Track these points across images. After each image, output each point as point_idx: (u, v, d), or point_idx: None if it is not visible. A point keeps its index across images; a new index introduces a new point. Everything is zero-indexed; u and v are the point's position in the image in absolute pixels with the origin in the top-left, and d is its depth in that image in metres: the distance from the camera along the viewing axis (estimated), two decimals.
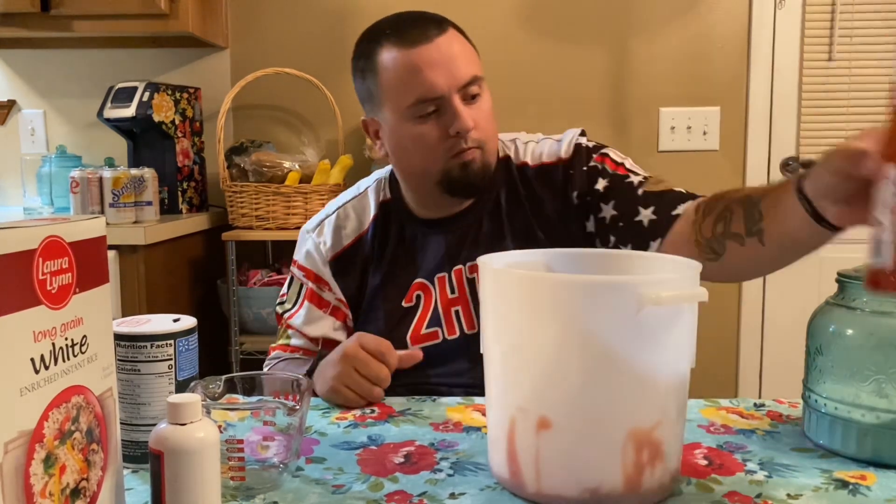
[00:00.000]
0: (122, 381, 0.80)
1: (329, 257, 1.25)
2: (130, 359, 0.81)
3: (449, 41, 1.13)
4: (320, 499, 0.75)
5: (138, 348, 0.81)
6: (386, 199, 1.26)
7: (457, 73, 1.12)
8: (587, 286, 0.71)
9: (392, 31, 1.15)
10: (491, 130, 1.18)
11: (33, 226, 0.55)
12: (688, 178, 2.47)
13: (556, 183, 1.20)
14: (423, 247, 1.23)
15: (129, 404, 0.81)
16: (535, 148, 1.24)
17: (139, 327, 0.82)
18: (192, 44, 2.46)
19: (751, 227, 0.96)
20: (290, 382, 0.83)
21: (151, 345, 0.81)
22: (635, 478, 0.71)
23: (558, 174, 1.20)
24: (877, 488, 0.76)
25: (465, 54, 1.14)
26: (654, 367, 0.71)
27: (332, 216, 1.28)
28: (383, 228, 1.25)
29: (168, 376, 0.82)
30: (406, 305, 1.21)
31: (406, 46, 1.12)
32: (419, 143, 1.14)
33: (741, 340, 2.52)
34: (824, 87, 2.43)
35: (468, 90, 1.13)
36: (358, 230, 1.25)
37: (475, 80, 1.14)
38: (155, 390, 0.81)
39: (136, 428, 0.81)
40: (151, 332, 0.81)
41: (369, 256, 1.24)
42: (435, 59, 1.11)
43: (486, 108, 1.16)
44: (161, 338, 0.81)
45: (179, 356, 0.83)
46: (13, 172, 2.59)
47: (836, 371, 0.82)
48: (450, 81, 1.11)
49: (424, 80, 1.11)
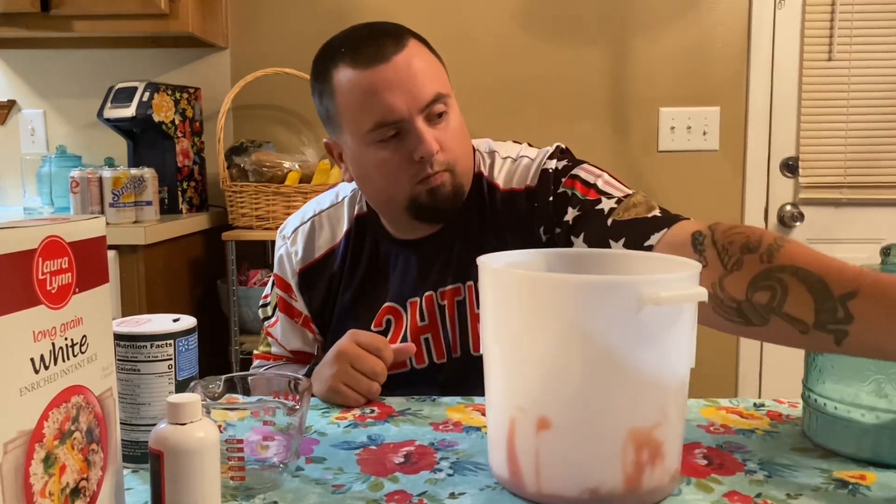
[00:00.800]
0: (122, 381, 0.80)
1: (298, 269, 1.21)
2: (130, 359, 0.80)
3: (408, 58, 1.05)
4: (320, 499, 0.75)
5: (138, 348, 0.80)
6: (361, 213, 1.20)
7: (417, 93, 1.03)
8: (587, 286, 0.71)
9: (347, 50, 1.07)
10: (460, 150, 1.09)
11: (33, 226, 0.55)
12: (688, 178, 2.48)
13: (521, 213, 1.12)
14: (395, 266, 1.17)
15: (129, 404, 0.81)
16: (510, 168, 1.15)
17: (139, 327, 0.82)
18: (192, 44, 2.46)
19: (826, 323, 0.76)
20: (290, 382, 0.83)
21: (151, 345, 0.81)
22: (635, 478, 0.71)
23: (523, 203, 1.12)
24: (876, 488, 0.76)
25: (426, 71, 1.06)
26: (654, 367, 0.71)
27: (306, 224, 1.22)
28: (356, 244, 1.19)
29: (168, 376, 0.82)
30: (375, 329, 1.16)
31: (361, 67, 1.04)
32: (382, 169, 1.07)
33: (741, 340, 2.52)
34: (824, 86, 2.43)
35: (432, 110, 1.05)
36: (330, 242, 1.20)
37: (439, 97, 1.05)
38: (155, 390, 0.81)
39: (135, 428, 0.81)
40: (151, 332, 0.81)
41: (338, 272, 1.19)
42: (392, 80, 1.03)
43: (454, 126, 1.08)
44: (161, 338, 0.81)
45: (179, 356, 0.82)
46: (13, 172, 2.60)
47: (835, 371, 0.82)
48: (410, 103, 1.03)
49: (382, 103, 1.03)
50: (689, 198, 2.47)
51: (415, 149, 1.04)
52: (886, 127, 2.43)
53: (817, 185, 2.47)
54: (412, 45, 1.07)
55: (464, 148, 1.11)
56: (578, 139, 2.43)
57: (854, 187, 2.46)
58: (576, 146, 1.37)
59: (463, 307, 1.14)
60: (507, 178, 1.15)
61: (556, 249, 0.91)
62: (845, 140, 2.44)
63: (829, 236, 2.48)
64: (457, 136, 1.09)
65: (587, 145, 2.44)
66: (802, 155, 2.46)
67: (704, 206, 2.47)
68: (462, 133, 1.11)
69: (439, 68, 1.10)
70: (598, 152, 2.45)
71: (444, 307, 1.15)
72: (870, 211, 2.47)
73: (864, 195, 2.46)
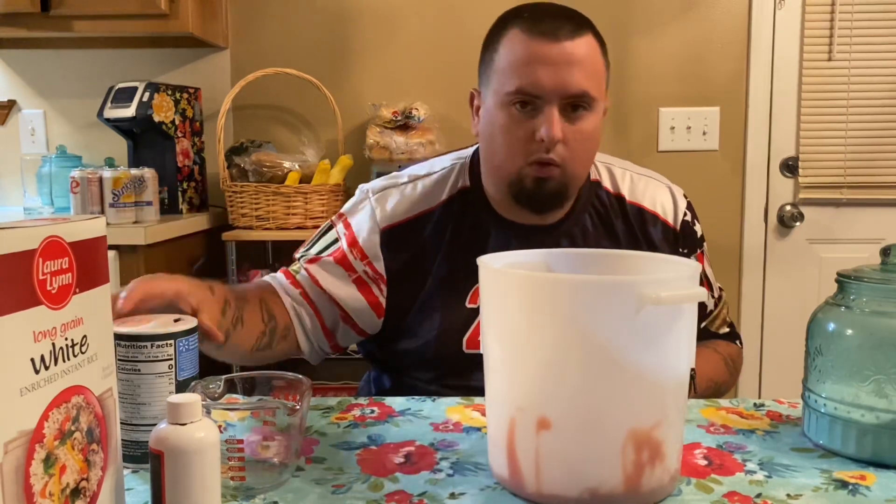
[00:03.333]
0: (123, 380, 0.80)
1: (383, 226, 1.17)
2: (131, 359, 0.80)
3: (576, 48, 1.07)
4: (320, 499, 0.75)
5: (138, 348, 0.80)
6: (465, 186, 1.20)
7: (566, 81, 1.06)
8: (587, 286, 0.71)
9: (529, 16, 1.10)
10: (582, 153, 1.11)
11: (33, 226, 0.55)
12: (688, 178, 2.47)
13: (651, 237, 1.20)
14: (496, 245, 1.16)
15: (130, 404, 0.80)
16: (634, 180, 1.23)
17: (140, 327, 0.82)
18: (192, 44, 2.46)
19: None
20: (291, 382, 0.83)
21: (152, 345, 0.80)
22: (635, 478, 0.71)
23: (657, 232, 1.21)
24: (876, 488, 0.76)
25: (586, 67, 1.08)
26: (653, 367, 0.71)
27: (400, 186, 1.20)
28: (458, 216, 1.18)
29: (168, 376, 0.81)
30: (470, 307, 1.15)
31: (532, 35, 1.08)
32: (506, 133, 1.10)
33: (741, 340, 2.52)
34: (824, 86, 2.43)
35: (573, 102, 1.08)
36: (422, 207, 1.18)
37: (584, 95, 1.08)
38: (155, 390, 0.81)
39: (136, 428, 0.81)
40: (152, 333, 0.81)
41: (431, 240, 1.17)
42: (551, 59, 1.06)
43: (588, 130, 1.10)
44: (161, 338, 0.81)
45: (180, 356, 0.82)
46: (13, 172, 2.59)
47: (835, 371, 0.83)
48: (555, 86, 1.06)
49: (532, 74, 1.06)
50: (689, 198, 2.46)
51: (539, 128, 1.07)
52: (886, 127, 2.43)
53: (817, 185, 2.47)
54: (587, 40, 1.09)
55: (586, 154, 1.13)
56: None
57: (854, 187, 2.46)
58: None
59: None
60: (636, 194, 1.22)
61: (556, 249, 0.91)
62: (845, 140, 2.44)
63: (829, 236, 2.48)
64: (584, 140, 1.11)
65: None
66: (802, 155, 2.46)
67: (704, 207, 2.45)
68: (591, 141, 1.13)
69: (601, 73, 1.12)
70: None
71: None
72: (870, 211, 2.47)
73: (864, 195, 2.46)
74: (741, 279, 2.50)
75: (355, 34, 2.51)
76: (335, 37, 2.50)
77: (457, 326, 1.15)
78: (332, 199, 2.24)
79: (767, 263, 2.50)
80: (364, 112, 2.44)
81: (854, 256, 2.37)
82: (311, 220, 2.22)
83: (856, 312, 0.82)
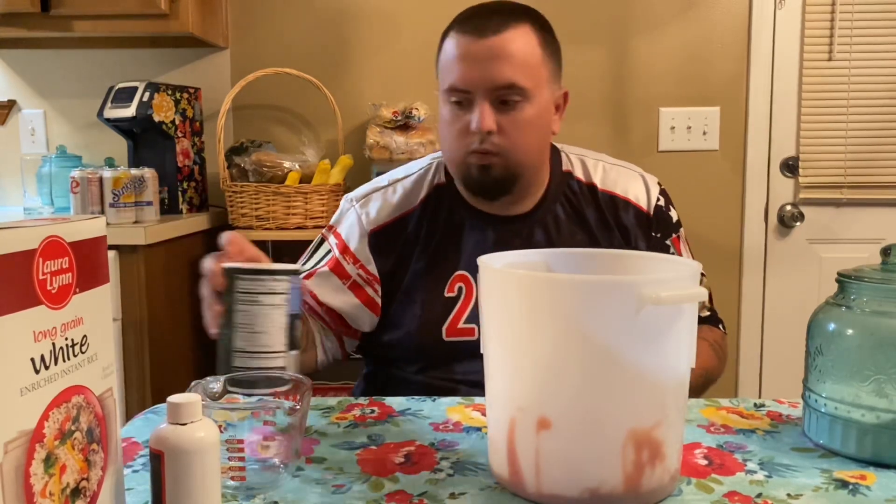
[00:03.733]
0: (241, 311, 0.88)
1: (370, 230, 1.23)
2: (251, 290, 0.88)
3: (502, 42, 1.12)
4: (320, 499, 0.75)
5: (260, 281, 0.88)
6: (440, 182, 1.26)
7: (490, 74, 1.11)
8: (587, 286, 0.71)
9: (464, 15, 1.17)
10: (522, 141, 1.15)
11: (33, 226, 0.55)
12: (688, 178, 2.48)
13: (624, 223, 1.23)
14: (471, 236, 1.22)
15: (248, 333, 0.88)
16: (607, 170, 1.26)
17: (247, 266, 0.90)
18: (192, 44, 2.46)
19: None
20: (291, 382, 0.83)
21: (272, 278, 0.88)
22: (635, 478, 0.71)
23: (629, 217, 1.23)
24: (877, 488, 0.76)
25: (515, 59, 1.12)
26: (654, 367, 0.71)
27: (380, 190, 1.26)
28: (434, 211, 1.24)
29: (283, 309, 0.89)
30: (448, 296, 1.20)
31: (461, 34, 1.14)
32: (449, 128, 1.18)
33: (741, 340, 2.52)
34: (824, 86, 2.43)
35: (501, 95, 1.12)
36: (405, 207, 1.24)
37: (513, 87, 1.12)
38: (271, 321, 0.89)
39: (252, 355, 0.88)
40: (272, 268, 0.89)
41: (413, 237, 1.23)
42: (475, 55, 1.12)
43: (525, 119, 1.14)
44: (280, 273, 0.89)
45: (292, 292, 0.90)
46: (13, 172, 2.59)
47: (836, 371, 0.83)
48: (479, 80, 1.12)
49: (459, 71, 1.13)
50: (690, 198, 2.47)
51: (472, 120, 1.13)
52: (886, 127, 2.43)
53: (817, 185, 2.47)
54: (518, 32, 1.13)
55: (527, 142, 1.16)
56: (578, 139, 2.41)
57: (854, 187, 2.46)
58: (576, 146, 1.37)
59: None
60: (608, 182, 1.25)
61: (556, 249, 0.91)
62: (845, 140, 2.44)
63: (829, 236, 2.48)
64: (521, 129, 1.15)
65: (587, 145, 2.42)
66: (802, 155, 2.46)
67: (704, 207, 2.47)
68: (531, 128, 1.16)
69: (535, 63, 1.15)
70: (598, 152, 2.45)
71: None
72: (870, 211, 2.47)
73: (864, 195, 2.46)
74: (741, 279, 2.50)
75: (355, 34, 2.50)
76: (335, 37, 2.50)
77: (436, 316, 1.19)
78: (332, 199, 2.24)
79: (767, 263, 2.50)
80: (364, 112, 2.44)
81: (854, 256, 2.37)
82: (311, 220, 2.22)
83: (856, 312, 0.82)
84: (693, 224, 2.49)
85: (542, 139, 1.20)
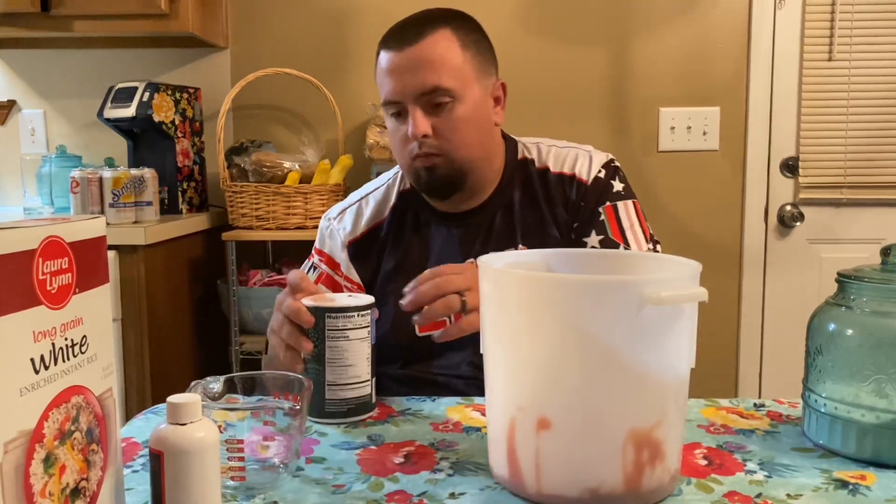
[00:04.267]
0: (332, 347, 0.94)
1: (347, 241, 1.29)
2: (341, 328, 0.94)
3: (421, 49, 1.15)
4: (320, 499, 0.75)
5: (348, 317, 0.94)
6: (405, 189, 1.31)
7: (415, 81, 1.15)
8: (587, 286, 0.71)
9: (388, 33, 1.21)
10: (460, 140, 1.18)
11: (33, 226, 0.55)
12: (688, 178, 2.48)
13: (569, 198, 1.25)
14: (437, 238, 1.27)
15: (339, 367, 0.94)
16: (559, 153, 1.29)
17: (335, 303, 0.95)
18: (192, 44, 2.46)
19: None
20: (291, 382, 0.83)
21: (358, 314, 0.95)
22: (635, 478, 0.71)
23: (573, 191, 1.25)
24: (877, 488, 0.76)
25: (434, 63, 1.15)
26: (654, 367, 0.71)
27: (353, 205, 1.33)
28: (401, 217, 1.29)
29: (368, 340, 0.96)
30: None
31: (385, 49, 1.19)
32: (393, 139, 1.23)
33: (741, 340, 2.52)
34: (824, 86, 2.43)
35: (430, 99, 1.16)
36: (377, 218, 1.30)
37: (437, 90, 1.15)
38: (360, 353, 0.95)
39: (343, 388, 0.95)
40: (357, 304, 0.95)
41: (385, 243, 1.28)
42: (398, 66, 1.16)
43: (459, 118, 1.17)
44: (364, 308, 0.96)
45: (373, 324, 0.97)
46: (13, 172, 2.59)
47: (835, 371, 0.83)
48: (406, 90, 1.16)
49: (387, 84, 1.18)
50: (690, 198, 2.47)
51: (408, 129, 1.17)
52: (886, 127, 2.43)
53: (817, 185, 2.47)
54: (436, 37, 1.17)
55: (465, 139, 1.19)
56: (579, 139, 2.41)
57: (854, 187, 2.46)
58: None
59: None
60: (558, 163, 1.28)
61: (557, 249, 0.91)
62: (845, 140, 2.44)
63: (829, 236, 2.48)
64: (457, 128, 1.18)
65: (587, 144, 2.44)
66: (802, 155, 2.46)
67: (704, 207, 2.47)
68: (468, 125, 1.19)
69: (456, 64, 1.18)
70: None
71: None
72: (870, 211, 2.47)
73: (864, 195, 2.46)
74: (741, 279, 2.50)
75: (355, 34, 2.50)
76: (335, 37, 2.50)
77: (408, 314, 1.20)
78: (332, 199, 2.24)
79: (767, 263, 2.50)
80: (364, 112, 2.44)
81: (854, 256, 2.37)
82: (310, 220, 2.22)
83: (856, 312, 0.82)
84: (693, 224, 2.49)
85: (482, 133, 1.22)
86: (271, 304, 2.37)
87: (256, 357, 2.19)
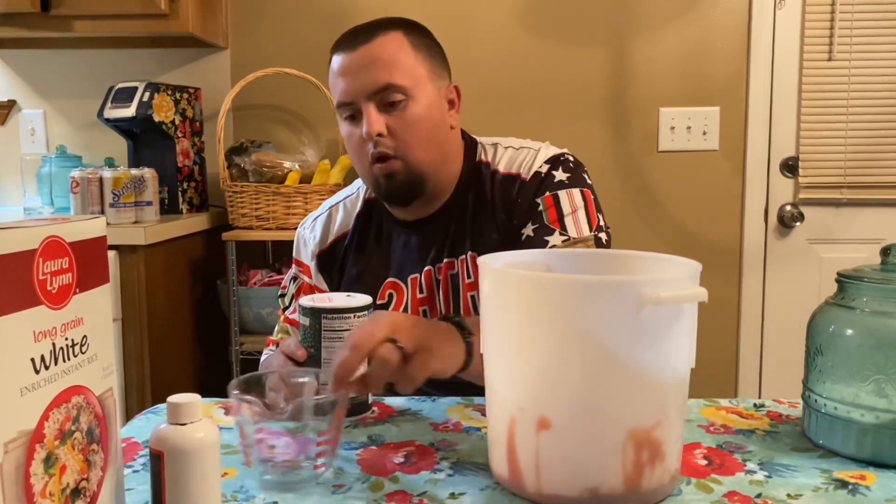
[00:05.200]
0: (328, 348, 0.93)
1: (316, 252, 1.31)
2: (337, 329, 0.93)
3: (372, 49, 1.16)
4: (320, 499, 0.75)
5: (345, 319, 0.93)
6: (370, 198, 1.31)
7: (366, 80, 1.14)
8: (587, 286, 0.71)
9: (340, 39, 1.21)
10: (416, 140, 1.16)
11: (33, 226, 0.55)
12: (688, 178, 2.48)
13: (509, 198, 1.22)
14: (398, 245, 1.27)
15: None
16: (512, 155, 1.25)
17: (332, 304, 0.94)
18: (192, 44, 2.46)
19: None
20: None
21: (354, 315, 0.94)
22: (635, 478, 0.71)
23: (514, 191, 1.22)
24: (876, 488, 0.76)
25: (386, 61, 1.15)
26: (654, 367, 0.71)
27: (323, 214, 1.33)
28: (365, 224, 1.30)
29: None
30: (379, 303, 1.25)
31: (337, 52, 1.20)
32: (348, 143, 1.21)
33: (741, 340, 2.52)
34: (824, 86, 2.43)
35: (384, 98, 1.15)
36: (343, 228, 1.31)
37: (390, 87, 1.14)
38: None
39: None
40: (356, 305, 0.95)
41: (347, 250, 1.29)
42: (349, 66, 1.16)
43: (413, 116, 1.16)
44: (360, 309, 0.95)
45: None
46: (13, 172, 2.59)
47: (835, 371, 0.83)
48: (358, 88, 1.15)
49: (339, 86, 1.17)
50: (689, 198, 2.47)
51: (363, 129, 1.16)
52: (886, 127, 2.43)
53: (817, 185, 2.47)
54: (388, 38, 1.17)
55: (421, 138, 1.17)
56: (579, 139, 2.43)
57: (854, 187, 2.46)
58: (576, 146, 1.38)
59: (456, 279, 1.22)
60: (509, 164, 1.25)
61: (557, 250, 0.91)
62: (845, 140, 2.44)
63: (829, 236, 2.48)
64: (412, 127, 1.16)
65: (587, 145, 2.44)
66: (802, 155, 2.46)
67: (704, 207, 2.47)
68: (422, 124, 1.17)
69: (408, 62, 1.17)
70: (598, 152, 2.45)
71: (440, 281, 1.23)
72: (870, 211, 2.47)
73: (864, 195, 2.46)
74: (741, 279, 2.50)
75: None
76: (335, 37, 2.48)
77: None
78: None
79: (767, 263, 2.50)
80: None
81: (854, 256, 2.37)
82: None
83: (856, 312, 0.82)
84: (693, 224, 2.49)
85: (437, 135, 1.20)
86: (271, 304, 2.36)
87: (256, 357, 2.19)
